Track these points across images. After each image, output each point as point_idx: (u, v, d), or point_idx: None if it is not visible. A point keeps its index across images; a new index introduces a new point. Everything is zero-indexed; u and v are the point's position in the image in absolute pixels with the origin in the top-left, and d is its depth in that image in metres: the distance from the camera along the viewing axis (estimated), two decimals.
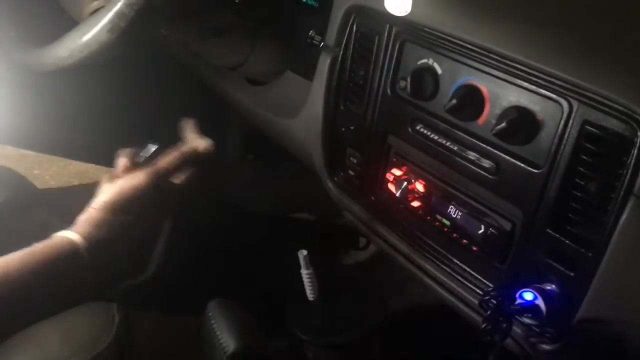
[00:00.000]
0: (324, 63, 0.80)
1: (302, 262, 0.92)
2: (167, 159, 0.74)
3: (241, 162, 1.72)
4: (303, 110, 0.87)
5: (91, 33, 0.69)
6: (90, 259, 0.67)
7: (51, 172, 2.01)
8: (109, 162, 0.76)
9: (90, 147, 1.34)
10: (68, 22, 0.75)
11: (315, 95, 0.82)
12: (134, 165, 0.74)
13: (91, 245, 0.67)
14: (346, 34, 0.78)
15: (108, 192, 0.71)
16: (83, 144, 1.35)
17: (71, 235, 0.67)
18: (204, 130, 0.79)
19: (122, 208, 0.70)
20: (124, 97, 1.27)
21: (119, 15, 0.68)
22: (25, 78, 1.02)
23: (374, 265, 1.44)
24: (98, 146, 1.37)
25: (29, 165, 1.93)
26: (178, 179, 0.76)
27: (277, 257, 1.09)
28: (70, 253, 0.66)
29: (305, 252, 0.91)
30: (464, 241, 0.68)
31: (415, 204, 0.74)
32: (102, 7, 0.70)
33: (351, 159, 0.82)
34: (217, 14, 0.91)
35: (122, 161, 0.75)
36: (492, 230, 0.64)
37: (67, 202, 0.75)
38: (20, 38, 0.78)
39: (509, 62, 0.59)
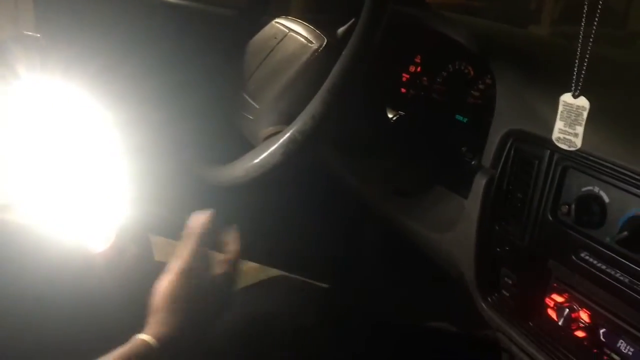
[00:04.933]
0: (480, 183, 0.81)
1: None
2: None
3: (378, 268, 1.73)
4: (455, 226, 0.87)
5: (266, 155, 0.76)
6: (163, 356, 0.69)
7: None
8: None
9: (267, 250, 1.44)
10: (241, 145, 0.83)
11: (470, 214, 0.82)
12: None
13: (162, 345, 0.69)
14: (503, 157, 0.79)
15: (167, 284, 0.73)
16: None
17: (146, 337, 0.69)
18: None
19: (182, 298, 0.72)
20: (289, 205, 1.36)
21: (292, 140, 0.74)
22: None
23: None
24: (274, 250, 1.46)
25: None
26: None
27: None
28: (146, 354, 0.68)
29: None
30: None
31: (580, 334, 0.70)
32: (277, 132, 0.78)
33: (506, 279, 0.80)
34: (371, 132, 0.97)
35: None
36: None
37: None
38: (201, 157, 0.88)
39: None
